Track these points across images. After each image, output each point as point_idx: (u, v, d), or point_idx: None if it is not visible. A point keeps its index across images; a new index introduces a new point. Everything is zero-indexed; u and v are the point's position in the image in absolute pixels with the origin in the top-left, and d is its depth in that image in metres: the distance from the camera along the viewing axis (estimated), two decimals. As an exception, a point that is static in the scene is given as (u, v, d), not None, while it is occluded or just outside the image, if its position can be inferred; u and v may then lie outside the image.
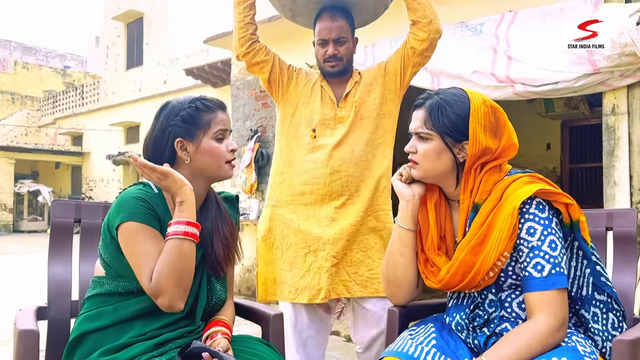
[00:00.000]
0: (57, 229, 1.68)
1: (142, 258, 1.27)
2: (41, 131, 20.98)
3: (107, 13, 17.25)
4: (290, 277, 2.01)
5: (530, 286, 1.20)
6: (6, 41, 26.81)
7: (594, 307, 1.27)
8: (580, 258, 1.29)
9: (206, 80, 10.22)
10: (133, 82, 16.02)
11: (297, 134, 2.09)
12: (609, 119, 3.26)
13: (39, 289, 2.37)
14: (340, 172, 2.01)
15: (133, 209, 1.30)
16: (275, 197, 2.12)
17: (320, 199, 2.03)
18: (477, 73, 3.45)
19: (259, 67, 2.12)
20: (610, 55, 2.94)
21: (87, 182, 18.29)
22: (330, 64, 2.07)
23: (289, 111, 2.13)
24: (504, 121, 1.33)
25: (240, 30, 2.09)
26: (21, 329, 1.31)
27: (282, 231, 2.07)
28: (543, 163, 7.47)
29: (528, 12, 3.44)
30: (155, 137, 1.42)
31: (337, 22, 2.06)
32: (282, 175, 2.11)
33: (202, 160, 1.41)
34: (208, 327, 1.42)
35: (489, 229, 1.25)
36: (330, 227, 2.00)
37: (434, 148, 1.33)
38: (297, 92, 2.13)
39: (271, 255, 2.10)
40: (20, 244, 13.35)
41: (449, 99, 1.33)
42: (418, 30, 2.03)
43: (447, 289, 1.36)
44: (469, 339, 1.31)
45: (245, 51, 2.09)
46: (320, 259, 1.98)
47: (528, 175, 1.29)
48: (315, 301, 1.96)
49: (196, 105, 1.41)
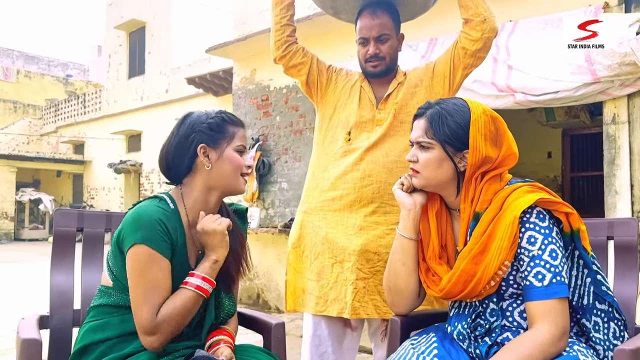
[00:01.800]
0: (59, 238, 1.69)
1: (150, 289, 1.28)
2: (43, 139, 21.03)
3: (109, 22, 17.34)
4: (319, 288, 1.90)
5: (531, 295, 1.20)
6: (9, 50, 26.94)
7: (595, 317, 1.27)
8: (581, 267, 1.29)
9: (208, 89, 10.25)
10: (135, 91, 16.07)
11: (333, 137, 1.99)
12: (609, 128, 3.27)
13: (41, 297, 2.37)
14: (371, 177, 1.88)
15: (150, 232, 1.30)
16: (307, 202, 2.02)
17: (349, 205, 1.90)
18: (477, 82, 3.47)
19: (296, 70, 2.03)
20: (611, 65, 2.96)
21: (89, 190, 18.30)
22: (371, 64, 1.95)
23: (327, 114, 2.03)
24: (503, 130, 1.34)
25: (276, 33, 2.00)
26: (24, 337, 1.31)
27: (312, 239, 1.96)
28: (544, 172, 7.46)
29: (528, 22, 3.47)
30: (178, 143, 1.42)
31: (378, 18, 1.92)
32: (315, 180, 2.01)
33: (222, 169, 1.42)
34: (211, 335, 1.42)
35: (489, 238, 1.25)
36: (358, 237, 1.87)
37: (435, 157, 1.34)
38: (335, 94, 2.02)
39: (301, 264, 1.99)
40: (21, 253, 13.34)
41: (450, 108, 1.34)
42: (470, 30, 1.88)
43: (448, 298, 1.36)
44: (470, 349, 1.31)
45: (281, 54, 2.00)
46: (346, 270, 1.86)
47: (528, 185, 1.30)
48: (344, 315, 1.84)
49: (223, 117, 1.45)
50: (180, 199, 1.42)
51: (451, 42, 2.01)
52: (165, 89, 14.92)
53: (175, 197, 1.43)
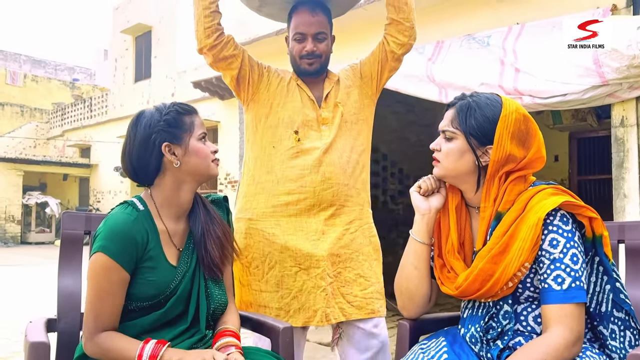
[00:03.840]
0: (67, 241, 1.68)
1: (96, 298, 1.30)
2: (49, 143, 21.13)
3: (115, 26, 17.42)
4: (278, 299, 1.82)
5: (549, 298, 1.18)
6: (16, 54, 27.12)
7: (612, 324, 1.25)
8: (600, 274, 1.27)
9: (213, 93, 10.29)
10: (141, 95, 16.13)
11: (274, 137, 1.88)
12: (617, 131, 3.24)
13: (48, 301, 2.37)
14: (331, 180, 1.83)
15: (110, 242, 1.31)
16: (251, 209, 1.90)
17: (307, 209, 1.84)
18: (484, 85, 3.45)
19: (227, 62, 1.89)
20: (619, 67, 2.94)
21: (95, 193, 18.36)
22: (307, 61, 1.90)
23: (262, 112, 1.91)
24: (534, 132, 1.31)
25: (205, 19, 1.84)
26: (32, 341, 1.31)
27: (263, 248, 1.85)
28: (551, 175, 7.43)
29: (535, 25, 3.45)
30: (140, 146, 1.40)
31: (317, 16, 1.88)
32: (259, 184, 1.89)
33: (192, 162, 1.41)
34: (216, 338, 1.41)
35: (511, 239, 1.24)
36: (323, 242, 1.82)
37: (457, 147, 1.32)
38: (270, 91, 1.92)
39: (247, 277, 1.87)
40: (28, 256, 13.38)
41: (481, 101, 1.32)
42: (398, 33, 1.91)
43: (463, 297, 1.34)
44: (482, 352, 1.30)
45: (212, 43, 1.85)
46: (314, 277, 1.80)
47: (553, 187, 1.28)
48: (312, 324, 1.80)
49: (177, 109, 1.43)
50: (150, 199, 1.42)
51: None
52: (171, 92, 14.96)
53: (146, 197, 1.43)
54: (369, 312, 1.85)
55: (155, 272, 1.36)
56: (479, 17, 3.88)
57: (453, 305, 5.31)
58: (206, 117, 13.05)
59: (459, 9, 3.98)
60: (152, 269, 1.36)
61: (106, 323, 1.30)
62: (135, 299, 1.35)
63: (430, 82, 3.75)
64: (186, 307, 1.42)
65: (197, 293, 1.42)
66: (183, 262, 1.43)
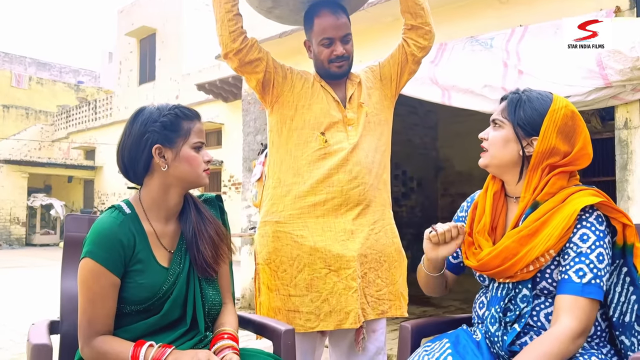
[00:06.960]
0: (70, 243, 1.69)
1: (87, 303, 1.30)
2: (54, 145, 21.22)
3: (120, 29, 17.50)
4: (308, 303, 1.78)
5: (566, 289, 1.19)
6: (21, 57, 27.25)
7: (633, 337, 1.25)
8: (627, 284, 1.26)
9: (217, 95, 10.33)
10: (145, 97, 16.18)
11: (300, 139, 1.86)
12: (621, 133, 3.24)
13: (51, 303, 2.38)
14: (357, 179, 1.82)
15: (97, 246, 1.31)
16: (277, 212, 1.87)
17: (334, 209, 1.82)
18: (488, 87, 3.45)
19: (252, 66, 1.86)
20: (622, 69, 2.93)
21: (99, 196, 18.43)
22: (337, 64, 1.88)
23: (288, 114, 1.89)
24: (581, 129, 1.33)
25: (229, 23, 1.80)
26: (34, 343, 1.31)
27: (291, 251, 1.82)
28: (555, 177, 7.41)
29: (538, 27, 3.45)
30: (132, 144, 1.38)
31: (342, 18, 1.86)
32: (285, 186, 1.87)
33: (180, 169, 1.39)
34: (214, 340, 1.41)
35: (543, 225, 1.25)
36: (352, 242, 1.80)
37: (502, 135, 1.36)
38: (294, 93, 1.89)
39: (275, 281, 1.84)
40: (32, 258, 13.43)
41: (533, 96, 1.36)
42: (419, 37, 1.93)
43: (482, 271, 1.35)
44: (498, 332, 1.30)
45: (238, 47, 1.81)
46: (345, 278, 1.77)
47: (594, 189, 1.29)
48: (344, 326, 1.76)
49: (176, 112, 1.40)
50: (138, 201, 1.41)
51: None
52: (175, 95, 15.01)
53: (134, 200, 1.42)
54: (379, 312, 1.85)
55: (146, 275, 1.35)
56: (482, 19, 3.88)
57: (456, 308, 5.31)
58: (210, 119, 13.09)
59: (462, 11, 3.98)
60: (142, 272, 1.35)
61: (100, 327, 1.30)
62: (129, 302, 1.34)
63: (434, 84, 3.75)
64: (184, 309, 1.41)
65: (193, 295, 1.41)
66: (175, 264, 1.42)
